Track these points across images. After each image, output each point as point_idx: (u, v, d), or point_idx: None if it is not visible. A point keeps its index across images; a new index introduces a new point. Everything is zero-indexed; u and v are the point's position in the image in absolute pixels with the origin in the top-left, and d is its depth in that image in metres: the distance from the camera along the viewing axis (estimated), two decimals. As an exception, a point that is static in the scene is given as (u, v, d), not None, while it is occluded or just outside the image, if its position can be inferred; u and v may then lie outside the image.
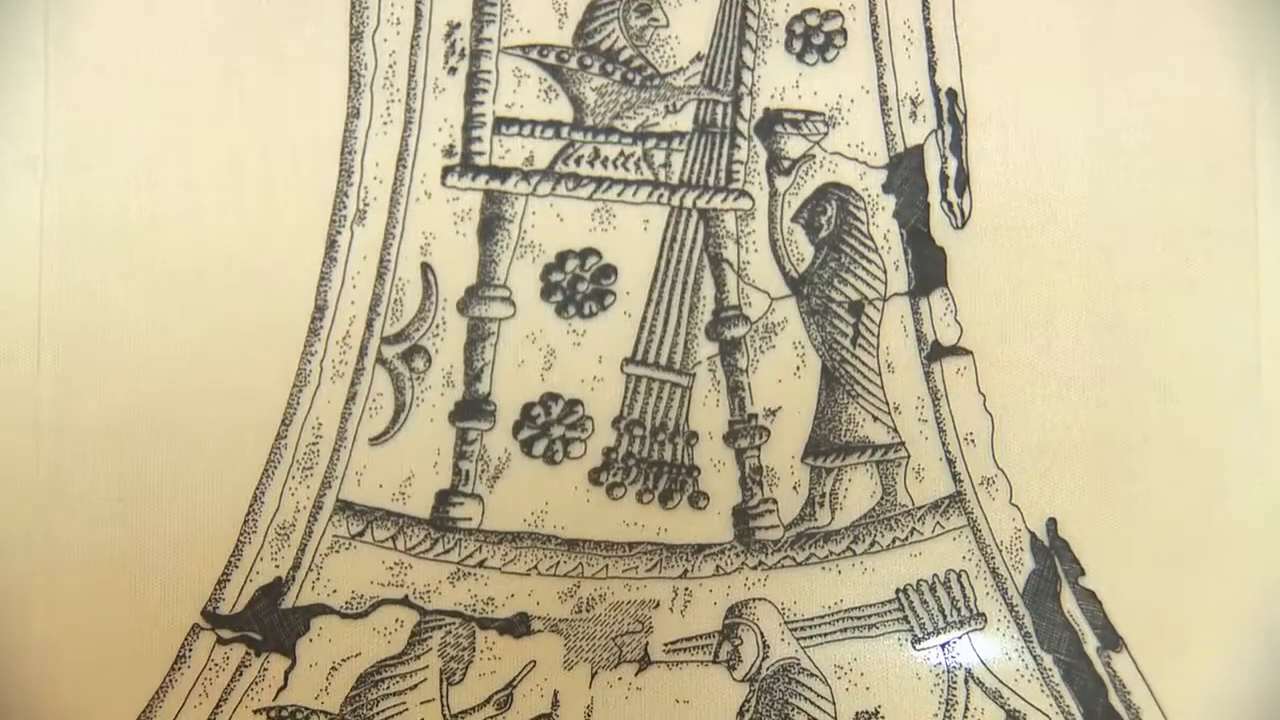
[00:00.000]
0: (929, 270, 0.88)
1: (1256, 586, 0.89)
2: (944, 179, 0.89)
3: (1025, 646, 0.89)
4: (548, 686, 0.85)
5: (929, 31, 0.89)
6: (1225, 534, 0.89)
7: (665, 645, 0.86)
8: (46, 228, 0.83)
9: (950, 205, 0.88)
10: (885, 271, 0.88)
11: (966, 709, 0.88)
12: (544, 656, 0.85)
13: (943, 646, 0.88)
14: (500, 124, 0.86)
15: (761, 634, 0.86)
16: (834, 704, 0.87)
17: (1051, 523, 0.88)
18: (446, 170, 0.85)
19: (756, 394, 0.87)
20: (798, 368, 0.88)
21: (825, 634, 0.87)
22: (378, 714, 0.84)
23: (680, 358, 0.87)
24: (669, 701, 0.86)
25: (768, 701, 0.87)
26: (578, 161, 0.86)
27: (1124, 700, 0.89)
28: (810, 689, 0.87)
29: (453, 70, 0.86)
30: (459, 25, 0.86)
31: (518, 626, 0.85)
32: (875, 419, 0.88)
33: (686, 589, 0.86)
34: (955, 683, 0.88)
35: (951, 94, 0.89)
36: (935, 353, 0.88)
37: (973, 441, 0.88)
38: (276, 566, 0.84)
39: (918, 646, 0.88)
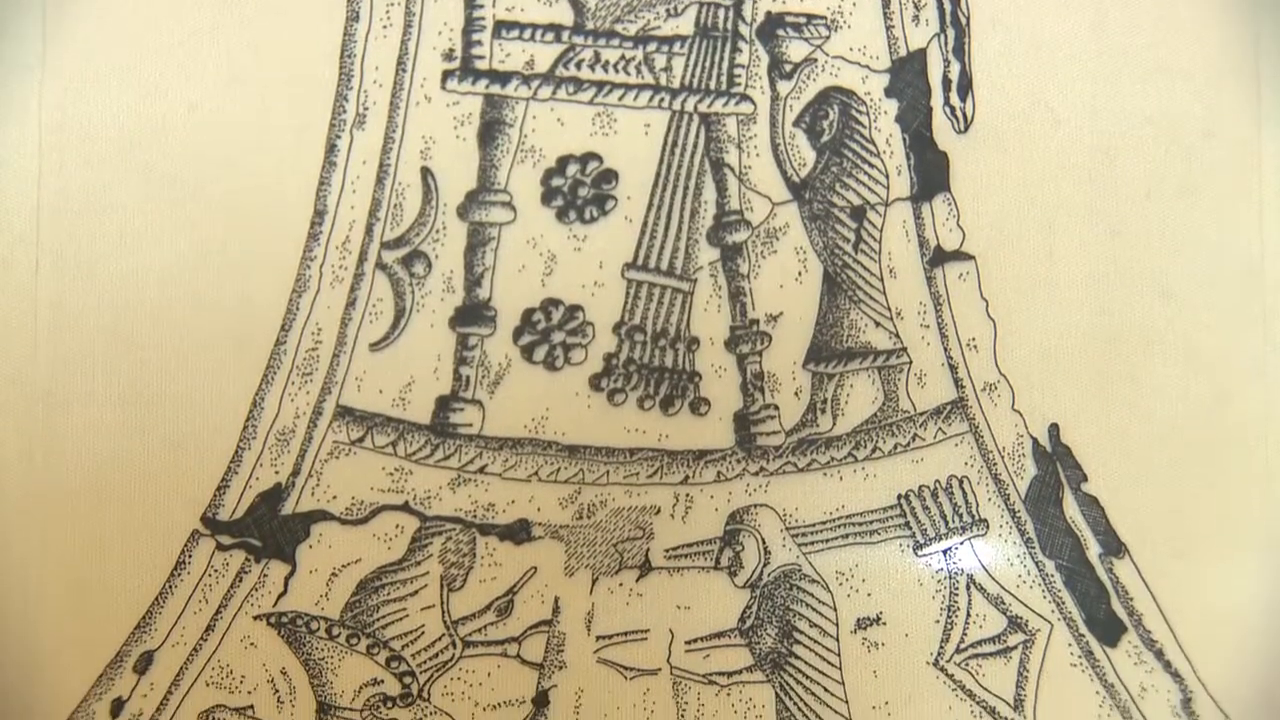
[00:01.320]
0: (931, 175, 0.88)
1: (1259, 490, 0.89)
2: (946, 83, 0.88)
3: (1027, 552, 0.89)
4: (548, 593, 0.85)
5: (932, -67, 0.89)
6: (1228, 439, 0.89)
7: (666, 551, 0.86)
8: (45, 133, 0.83)
9: (953, 109, 0.88)
10: (887, 176, 0.88)
11: (968, 615, 0.88)
12: (545, 563, 0.85)
13: (944, 552, 0.88)
14: (500, 27, 0.85)
15: (763, 540, 0.86)
16: (835, 610, 0.87)
17: (1054, 428, 0.88)
18: (446, 74, 0.85)
19: (758, 299, 0.87)
20: (799, 273, 0.87)
21: (827, 540, 0.87)
22: (378, 620, 0.84)
23: (681, 263, 0.87)
24: (670, 607, 0.86)
25: (769, 608, 0.86)
26: (578, 65, 0.86)
27: (1126, 606, 0.89)
28: (812, 595, 0.87)
29: (453, -27, 0.86)
30: (459, -73, 0.86)
31: (518, 533, 0.85)
32: (877, 324, 0.88)
33: (687, 495, 0.86)
34: (957, 589, 0.88)
35: (954, -3, 0.89)
36: (937, 258, 0.88)
37: (975, 347, 0.88)
38: (276, 472, 0.84)
39: (919, 552, 0.87)
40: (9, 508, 0.83)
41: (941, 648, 0.87)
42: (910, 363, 0.88)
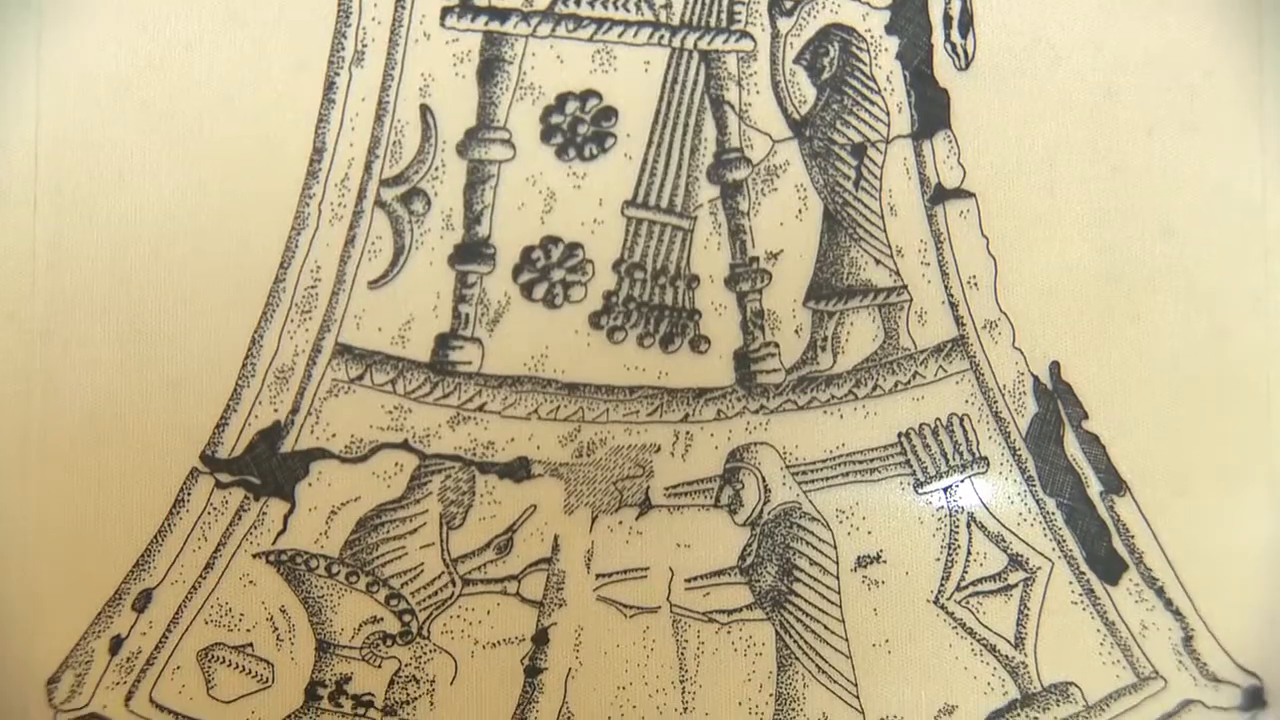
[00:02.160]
0: (932, 112, 0.88)
1: (1260, 428, 0.88)
2: (948, 20, 0.88)
3: (1028, 490, 0.88)
4: (548, 531, 0.85)
5: None
6: (1229, 376, 0.88)
7: (666, 489, 0.86)
8: (44, 70, 0.83)
9: (954, 46, 0.88)
10: (888, 113, 0.88)
11: (969, 553, 0.87)
12: (544, 501, 0.85)
13: (945, 490, 0.88)
14: (500, -36, 0.85)
15: (763, 478, 0.86)
16: (835, 548, 0.87)
17: (1055, 366, 0.88)
18: (445, 11, 0.85)
19: (758, 237, 0.87)
20: (799, 210, 0.87)
21: (827, 478, 0.87)
22: (377, 558, 0.84)
23: (681, 200, 0.86)
24: (670, 545, 0.86)
25: (769, 545, 0.86)
26: (578, 2, 0.85)
27: (1126, 544, 0.88)
28: (812, 533, 0.86)
29: (452, -91, 0.85)
30: None
31: (518, 471, 0.85)
32: (877, 262, 0.87)
33: (687, 433, 0.86)
34: (957, 527, 0.88)
35: (955, -67, 0.88)
36: (938, 195, 0.88)
37: (975, 284, 0.88)
38: (275, 410, 0.84)
39: (920, 490, 0.87)
40: (7, 446, 0.82)
41: (942, 585, 0.87)
42: (911, 300, 0.88)
